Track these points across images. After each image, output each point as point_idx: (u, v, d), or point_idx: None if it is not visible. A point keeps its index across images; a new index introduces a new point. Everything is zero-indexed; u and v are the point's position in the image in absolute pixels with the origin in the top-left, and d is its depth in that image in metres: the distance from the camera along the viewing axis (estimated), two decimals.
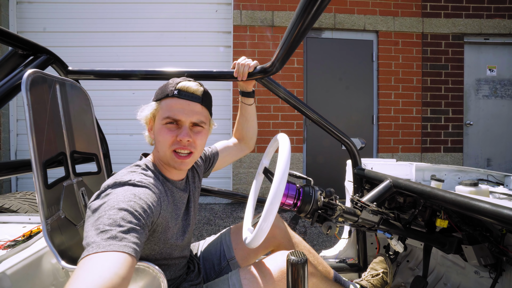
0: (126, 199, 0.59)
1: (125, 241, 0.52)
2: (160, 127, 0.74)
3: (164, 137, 0.73)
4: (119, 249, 0.50)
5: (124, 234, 0.53)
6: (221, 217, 3.10)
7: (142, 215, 0.59)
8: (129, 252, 0.51)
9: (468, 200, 0.74)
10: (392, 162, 1.55)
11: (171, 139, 0.73)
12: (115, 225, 0.54)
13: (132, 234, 0.54)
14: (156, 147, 0.77)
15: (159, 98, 0.76)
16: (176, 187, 0.80)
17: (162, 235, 0.72)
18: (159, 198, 0.68)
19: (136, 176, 0.68)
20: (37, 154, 0.72)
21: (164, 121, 0.73)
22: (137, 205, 0.59)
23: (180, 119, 0.74)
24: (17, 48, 0.89)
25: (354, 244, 1.53)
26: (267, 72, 1.07)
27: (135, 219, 0.57)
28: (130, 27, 3.72)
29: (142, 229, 0.58)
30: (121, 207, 0.57)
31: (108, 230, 0.53)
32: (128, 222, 0.55)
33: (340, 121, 3.72)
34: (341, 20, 3.72)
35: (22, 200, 1.69)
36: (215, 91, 3.79)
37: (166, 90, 0.76)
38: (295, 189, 0.87)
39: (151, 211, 0.63)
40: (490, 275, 0.99)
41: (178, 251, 0.79)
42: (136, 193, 0.62)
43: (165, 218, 0.71)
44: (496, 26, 3.83)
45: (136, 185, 0.65)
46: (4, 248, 0.99)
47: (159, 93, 0.78)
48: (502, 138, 4.01)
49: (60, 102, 0.88)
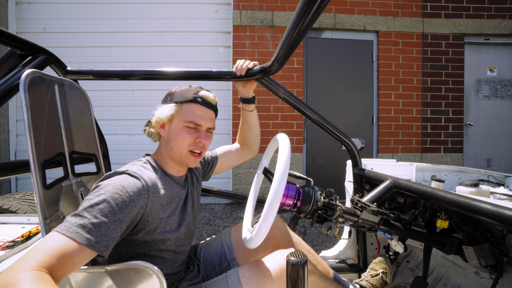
0: (113, 190, 0.65)
1: (89, 233, 0.59)
2: (180, 128, 0.81)
3: (184, 138, 0.81)
4: (81, 241, 0.57)
5: (94, 227, 0.59)
6: (221, 217, 3.10)
7: (122, 210, 0.64)
8: (88, 245, 0.58)
9: (469, 200, 0.74)
10: (392, 163, 1.55)
11: (190, 140, 0.82)
12: (91, 214, 0.60)
13: (102, 229, 0.60)
14: (169, 144, 0.82)
15: (180, 101, 0.82)
16: (175, 182, 0.84)
17: (153, 224, 0.74)
18: (147, 190, 0.71)
19: (133, 168, 0.74)
20: (35, 154, 0.72)
21: (186, 124, 0.81)
22: (120, 198, 0.64)
23: (201, 124, 0.83)
24: (15, 48, 0.88)
25: (354, 245, 1.53)
26: (267, 72, 1.07)
27: (111, 213, 0.62)
28: (129, 28, 3.72)
29: (116, 224, 0.63)
30: (104, 198, 0.63)
31: (83, 217, 0.60)
32: (103, 215, 0.61)
33: (340, 121, 3.72)
34: (341, 20, 3.72)
35: (21, 201, 1.68)
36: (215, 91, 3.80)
37: (187, 95, 0.83)
38: (295, 189, 0.87)
39: (134, 204, 0.67)
40: (490, 276, 0.98)
41: (173, 244, 0.80)
42: (124, 185, 0.67)
43: (154, 209, 0.73)
44: (496, 26, 3.83)
45: (131, 175, 0.71)
46: (3, 248, 0.98)
47: (179, 97, 0.83)
48: (503, 139, 4.01)
49: (58, 102, 0.88)
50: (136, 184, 0.69)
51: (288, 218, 3.02)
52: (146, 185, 0.71)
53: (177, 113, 0.81)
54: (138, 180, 0.70)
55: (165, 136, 0.83)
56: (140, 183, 0.70)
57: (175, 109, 0.81)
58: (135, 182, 0.69)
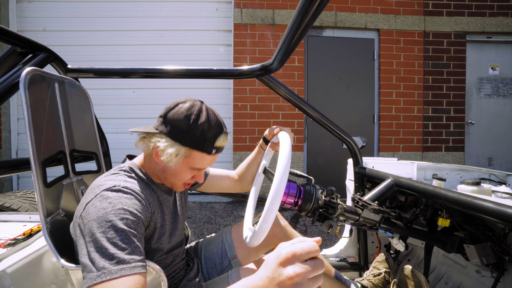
0: (119, 215, 0.60)
1: (132, 261, 0.57)
2: (184, 170, 0.74)
3: (184, 177, 0.76)
4: (131, 272, 0.56)
5: (130, 255, 0.57)
6: (222, 216, 3.10)
7: (138, 230, 0.63)
8: (140, 271, 0.57)
9: (471, 199, 0.73)
10: (393, 161, 1.55)
11: (189, 178, 0.77)
12: (119, 248, 0.57)
13: (136, 252, 0.59)
14: (164, 174, 0.76)
15: (192, 147, 0.71)
16: (160, 189, 0.80)
17: (149, 233, 0.72)
18: (146, 204, 0.69)
19: (120, 182, 0.68)
20: (36, 152, 0.71)
21: (192, 168, 0.75)
22: (130, 221, 0.62)
23: (204, 168, 0.78)
24: (15, 46, 0.88)
25: (355, 243, 1.53)
26: (267, 70, 1.06)
27: (133, 236, 0.60)
28: (130, 26, 3.71)
29: (140, 242, 0.62)
30: (119, 227, 0.59)
31: (114, 254, 0.56)
32: (130, 242, 0.59)
33: (341, 120, 3.71)
34: (342, 18, 3.71)
35: (22, 199, 1.69)
36: (215, 90, 3.82)
37: (203, 144, 0.71)
38: (296, 187, 0.87)
39: (143, 223, 0.66)
40: (492, 274, 0.98)
41: (165, 251, 0.79)
42: (125, 207, 0.62)
43: (153, 222, 0.72)
44: (499, 24, 3.81)
45: (122, 191, 0.65)
46: (4, 246, 0.99)
47: (194, 142, 0.70)
48: (504, 137, 3.99)
49: (59, 101, 0.87)
50: (134, 202, 0.65)
51: (289, 217, 3.02)
52: (142, 200, 0.68)
53: (185, 157, 0.72)
54: (133, 197, 0.66)
55: (160, 164, 0.73)
56: (136, 200, 0.66)
57: (185, 154, 0.71)
58: (131, 200, 0.65)
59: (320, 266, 0.45)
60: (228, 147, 3.77)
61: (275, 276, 0.45)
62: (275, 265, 0.46)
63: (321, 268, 0.45)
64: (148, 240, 0.73)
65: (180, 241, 0.89)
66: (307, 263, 0.45)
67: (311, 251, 0.45)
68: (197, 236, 2.63)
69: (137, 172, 0.76)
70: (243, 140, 3.69)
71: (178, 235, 0.85)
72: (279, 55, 0.96)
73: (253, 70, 1.10)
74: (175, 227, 0.83)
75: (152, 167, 0.77)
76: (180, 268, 0.88)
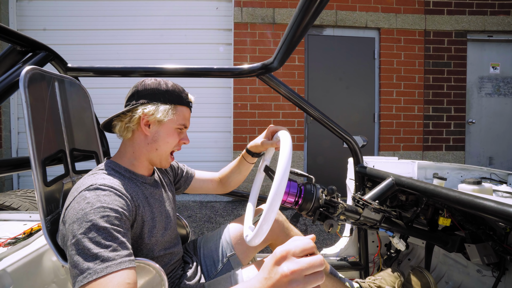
0: (98, 214, 0.59)
1: (118, 258, 0.56)
2: (172, 130, 0.79)
3: (174, 140, 0.80)
4: (118, 268, 0.54)
5: (115, 252, 0.56)
6: (222, 215, 3.10)
7: (122, 226, 0.61)
8: (127, 266, 0.56)
9: (473, 198, 0.73)
10: (394, 160, 1.54)
11: (178, 141, 0.81)
12: (103, 246, 0.56)
13: (122, 248, 0.58)
14: (154, 144, 0.78)
15: (177, 103, 0.79)
16: (145, 182, 0.81)
17: (138, 229, 0.72)
18: (128, 199, 0.68)
19: (98, 180, 0.67)
20: (36, 151, 0.71)
21: (178, 126, 0.79)
22: (112, 217, 0.60)
23: (187, 127, 0.83)
24: (15, 45, 0.88)
25: (355, 242, 1.53)
26: (268, 69, 1.06)
27: (117, 232, 0.59)
28: (130, 25, 3.70)
29: (126, 237, 0.61)
30: (100, 226, 0.57)
31: (97, 254, 0.55)
32: (113, 238, 0.58)
33: (342, 119, 3.71)
34: (342, 17, 3.70)
35: (23, 198, 1.69)
36: (216, 89, 3.81)
37: (180, 97, 0.80)
38: (296, 187, 0.87)
39: (127, 218, 0.64)
40: (493, 274, 0.98)
41: (161, 247, 0.79)
42: (104, 205, 0.61)
43: (140, 216, 0.72)
44: (500, 23, 3.79)
45: (100, 189, 0.64)
46: (4, 245, 0.98)
47: (175, 98, 0.78)
48: (505, 137, 3.98)
49: (59, 100, 0.87)
50: (114, 198, 0.64)
51: (289, 216, 3.02)
52: (122, 194, 0.67)
53: (173, 116, 0.77)
54: (111, 193, 0.65)
55: (149, 135, 0.76)
56: (116, 195, 0.65)
57: (172, 112, 0.77)
58: (110, 197, 0.63)
59: (317, 263, 0.45)
60: (228, 146, 3.76)
61: (271, 275, 0.45)
62: (271, 265, 0.46)
63: (318, 264, 0.45)
64: (140, 235, 0.72)
65: (175, 237, 0.89)
66: (302, 259, 0.45)
67: (305, 248, 0.46)
68: (197, 235, 2.63)
69: (116, 169, 0.75)
70: (243, 139, 3.69)
71: (172, 230, 0.85)
72: (279, 54, 0.95)
73: (253, 69, 1.10)
74: (169, 221, 0.83)
75: (137, 150, 0.78)
76: (177, 267, 0.88)
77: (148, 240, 0.74)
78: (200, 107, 3.89)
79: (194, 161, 3.71)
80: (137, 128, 0.76)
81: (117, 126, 0.77)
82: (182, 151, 0.90)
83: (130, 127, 0.76)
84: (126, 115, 0.75)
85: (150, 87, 0.77)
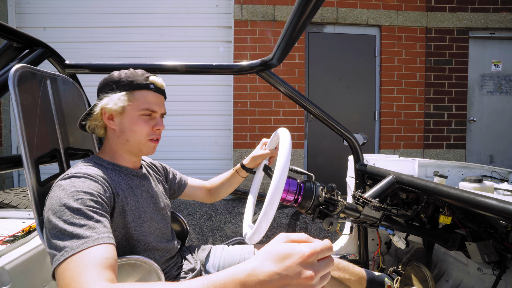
0: (72, 197, 0.59)
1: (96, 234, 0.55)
2: (136, 118, 0.76)
3: (141, 128, 0.76)
4: (95, 243, 0.53)
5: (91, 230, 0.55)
6: (222, 213, 3.10)
7: (98, 207, 0.61)
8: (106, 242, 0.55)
9: (474, 196, 0.72)
10: (394, 158, 1.54)
11: (148, 129, 0.77)
12: (78, 225, 0.55)
13: (99, 226, 0.57)
14: (123, 136, 0.77)
15: (131, 88, 0.75)
16: (132, 174, 0.80)
17: (120, 219, 0.71)
18: (103, 184, 0.67)
19: (74, 169, 0.68)
20: (28, 151, 0.70)
21: (141, 112, 0.76)
22: (86, 199, 0.60)
23: (156, 111, 0.78)
24: (12, 41, 0.87)
25: (355, 240, 1.52)
26: (267, 65, 1.05)
27: (92, 212, 0.59)
28: (130, 22, 3.69)
29: (103, 217, 0.60)
30: (74, 207, 0.57)
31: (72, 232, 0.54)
32: (89, 217, 0.57)
33: (342, 117, 3.69)
34: (343, 14, 3.67)
35: (22, 196, 1.69)
36: (216, 87, 3.80)
37: (138, 81, 0.76)
38: (296, 184, 0.86)
39: (103, 201, 0.64)
40: (493, 272, 0.97)
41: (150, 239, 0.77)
42: (79, 189, 0.61)
43: (119, 204, 0.71)
44: (502, 20, 3.76)
45: (74, 176, 0.65)
46: (3, 243, 0.98)
47: (129, 84, 0.75)
48: (506, 135, 3.97)
49: (51, 98, 0.86)
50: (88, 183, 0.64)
51: (289, 214, 3.02)
52: (98, 181, 0.66)
53: (129, 102, 0.74)
54: (86, 178, 0.65)
55: (115, 128, 0.76)
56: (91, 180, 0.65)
57: (127, 98, 0.74)
58: (84, 182, 0.64)
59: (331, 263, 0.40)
60: (229, 144, 3.76)
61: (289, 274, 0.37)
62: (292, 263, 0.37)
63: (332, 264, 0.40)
64: (124, 225, 0.71)
65: (168, 233, 0.87)
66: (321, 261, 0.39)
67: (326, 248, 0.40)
68: (198, 233, 2.63)
69: (98, 162, 0.75)
70: (244, 137, 3.68)
71: (163, 224, 0.84)
72: (278, 50, 0.95)
73: (252, 66, 1.09)
74: (158, 214, 0.82)
75: (113, 144, 0.78)
76: (170, 266, 0.86)
77: (133, 230, 0.73)
78: (200, 105, 3.89)
79: (194, 159, 3.70)
80: (104, 124, 0.77)
81: (87, 126, 0.78)
82: (182, 149, 0.89)
83: (98, 125, 0.77)
84: (91, 114, 0.76)
85: (106, 80, 0.77)
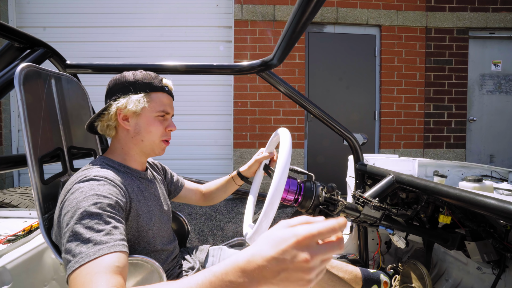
0: (92, 201, 0.59)
1: (111, 241, 0.55)
2: (152, 119, 0.78)
3: (157, 129, 0.78)
4: (110, 250, 0.53)
5: (108, 236, 0.55)
6: (222, 213, 3.11)
7: (116, 213, 0.61)
8: (120, 249, 0.55)
9: (474, 195, 0.73)
10: (394, 158, 1.54)
11: (162, 130, 0.80)
12: (95, 231, 0.55)
13: (115, 232, 0.57)
14: (138, 136, 0.78)
15: (148, 90, 0.77)
16: (141, 176, 0.81)
17: (134, 223, 0.71)
18: (121, 189, 0.68)
19: (92, 172, 0.68)
20: (32, 149, 0.71)
21: (157, 113, 0.78)
22: (105, 204, 0.60)
23: (169, 112, 0.81)
24: (13, 41, 0.87)
25: (355, 240, 1.53)
26: (268, 66, 1.05)
27: (110, 218, 0.59)
28: (130, 22, 3.69)
29: (120, 223, 0.60)
30: (93, 212, 0.57)
31: (89, 238, 0.54)
32: (106, 223, 0.57)
33: (342, 117, 3.69)
34: (343, 14, 3.67)
35: (22, 195, 1.69)
36: (216, 87, 3.80)
37: (154, 83, 0.78)
38: (296, 184, 0.86)
39: (120, 207, 0.64)
40: (493, 271, 0.98)
41: (159, 241, 0.79)
42: (98, 193, 0.61)
43: (134, 209, 0.71)
44: (502, 20, 3.76)
45: (94, 179, 0.65)
46: (4, 242, 0.99)
47: (146, 86, 0.77)
48: (506, 134, 3.97)
49: (56, 97, 0.87)
50: (108, 188, 0.64)
51: (289, 213, 3.03)
52: (116, 185, 0.67)
53: (146, 104, 0.76)
54: (105, 182, 0.65)
55: (130, 128, 0.77)
56: (110, 185, 0.65)
57: (146, 100, 0.76)
58: (104, 186, 0.64)
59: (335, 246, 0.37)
60: (229, 144, 3.76)
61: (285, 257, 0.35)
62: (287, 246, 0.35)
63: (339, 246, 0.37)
64: (138, 229, 0.72)
65: (171, 234, 0.89)
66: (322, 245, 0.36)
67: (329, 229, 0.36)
68: (198, 233, 2.63)
69: (109, 163, 0.76)
70: (244, 137, 3.68)
71: (168, 226, 0.85)
72: (279, 51, 0.95)
73: (253, 66, 1.10)
74: (163, 216, 0.83)
75: (125, 145, 0.78)
76: (174, 266, 0.87)
77: (145, 233, 0.74)
78: (200, 105, 3.89)
79: (194, 158, 3.71)
80: (118, 124, 0.77)
81: (98, 126, 0.79)
82: (183, 149, 0.90)
83: (111, 125, 0.77)
84: (104, 114, 0.77)
85: (120, 81, 0.78)
